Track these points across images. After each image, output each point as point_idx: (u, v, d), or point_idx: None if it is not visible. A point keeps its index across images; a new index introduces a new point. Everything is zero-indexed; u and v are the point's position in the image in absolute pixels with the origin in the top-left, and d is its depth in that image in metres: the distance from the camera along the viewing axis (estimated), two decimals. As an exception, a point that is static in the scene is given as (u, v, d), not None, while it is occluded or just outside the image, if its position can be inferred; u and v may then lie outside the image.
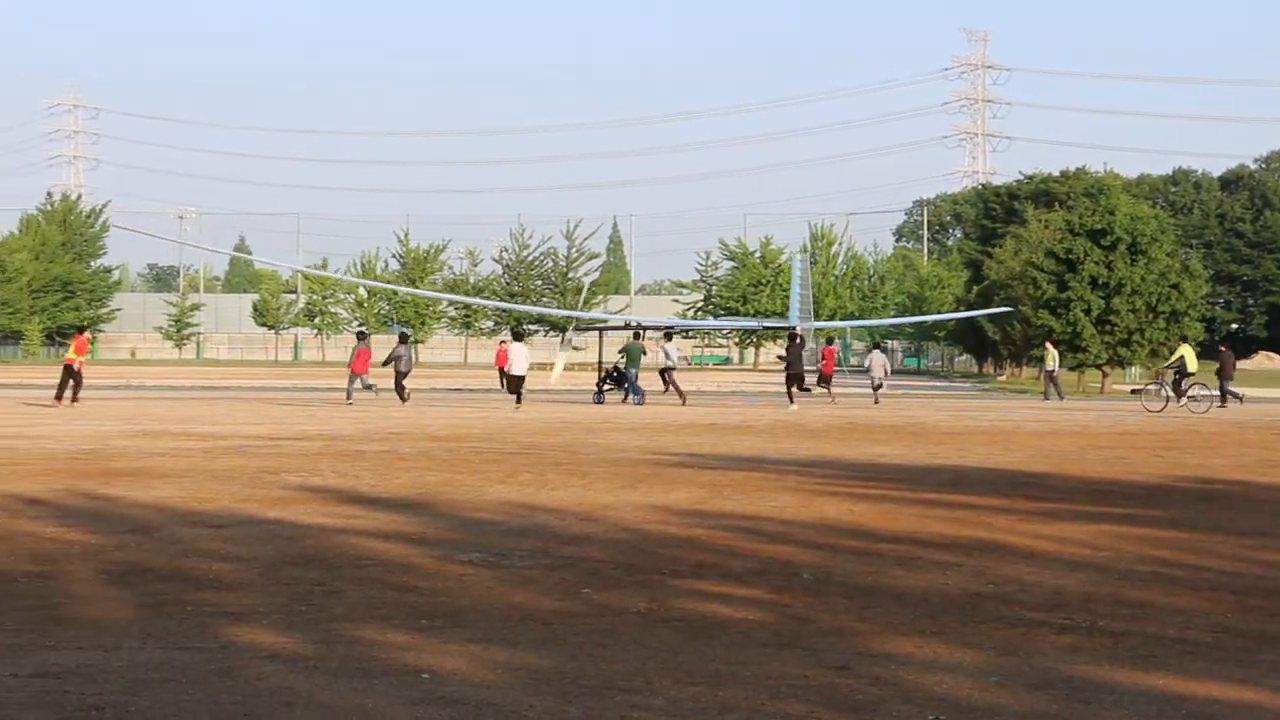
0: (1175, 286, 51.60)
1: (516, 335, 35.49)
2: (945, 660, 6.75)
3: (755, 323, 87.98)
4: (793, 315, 52.58)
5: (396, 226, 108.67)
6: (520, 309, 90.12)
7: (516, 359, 33.24)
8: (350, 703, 5.84)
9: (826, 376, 40.32)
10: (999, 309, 59.55)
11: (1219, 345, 43.33)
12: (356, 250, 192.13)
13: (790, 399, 33.77)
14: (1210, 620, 7.78)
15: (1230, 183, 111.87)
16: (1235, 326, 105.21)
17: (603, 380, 37.41)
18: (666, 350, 38.27)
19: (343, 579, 8.77)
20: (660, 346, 38.88)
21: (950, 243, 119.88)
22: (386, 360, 34.42)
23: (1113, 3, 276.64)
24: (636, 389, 35.67)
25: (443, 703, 5.86)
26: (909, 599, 8.32)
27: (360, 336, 35.24)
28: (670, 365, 37.73)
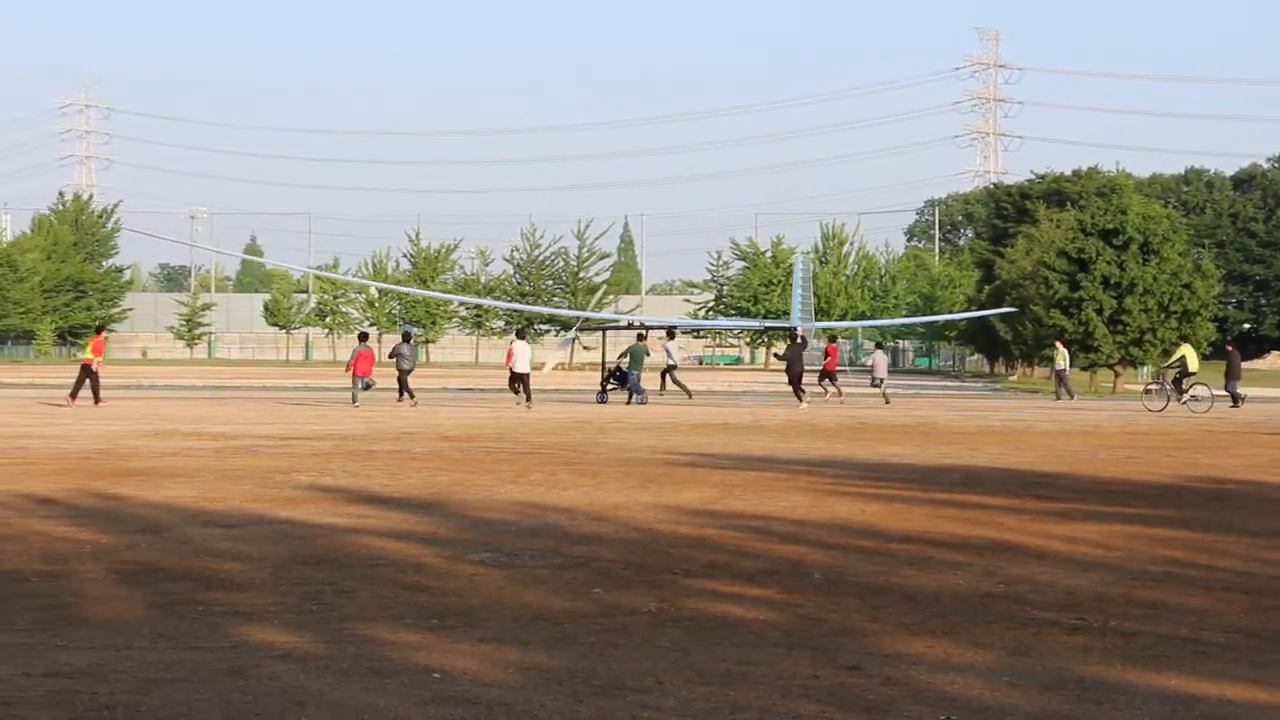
0: (1187, 286, 51.50)
1: (519, 333, 35.85)
2: (957, 660, 6.74)
3: (756, 323, 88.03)
4: (794, 315, 52.59)
5: (407, 226, 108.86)
6: (531, 309, 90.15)
7: (519, 357, 34.00)
8: (361, 702, 5.84)
9: (830, 373, 40.53)
10: (1007, 309, 59.55)
11: (1225, 345, 43.20)
12: (368, 250, 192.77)
13: (799, 398, 34.64)
14: (1223, 621, 7.76)
15: (1243, 182, 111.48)
16: (1247, 326, 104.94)
17: (606, 380, 37.73)
18: (669, 349, 38.57)
19: (354, 579, 8.77)
20: (662, 346, 39.10)
21: (962, 242, 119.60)
22: (391, 355, 34.88)
23: (1125, 2, 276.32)
24: (638, 389, 35.90)
25: (454, 702, 5.86)
26: (920, 599, 8.30)
27: (362, 338, 35.49)
28: (672, 364, 37.99)
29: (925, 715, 5.75)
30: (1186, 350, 36.47)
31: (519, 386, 33.59)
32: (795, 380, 35.25)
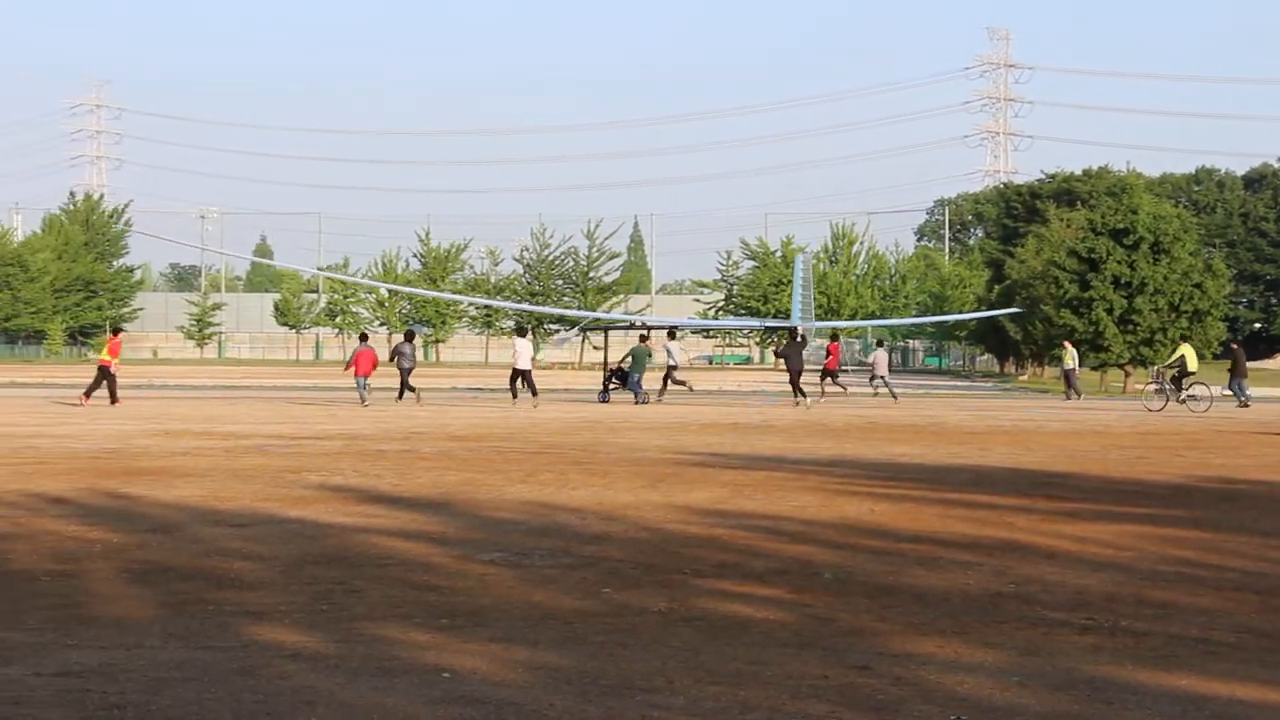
0: (1198, 286, 51.41)
1: (520, 330, 35.97)
2: (967, 660, 6.73)
3: (758, 322, 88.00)
4: (795, 314, 52.57)
5: (417, 226, 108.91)
6: (540, 310, 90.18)
7: (521, 354, 34.27)
8: (371, 702, 5.85)
9: (831, 371, 40.68)
10: (1015, 309, 59.47)
11: (1231, 344, 43.09)
12: (378, 249, 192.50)
13: (805, 395, 34.94)
14: (1234, 621, 7.75)
15: (1254, 181, 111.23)
16: (1258, 326, 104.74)
17: (608, 379, 37.85)
18: (670, 349, 38.71)
19: (364, 578, 8.78)
20: (664, 345, 39.23)
21: (971, 242, 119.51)
22: (391, 357, 34.94)
23: (1135, 1, 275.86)
24: (637, 389, 36.01)
25: (463, 702, 5.86)
26: (930, 599, 8.30)
27: (362, 338, 35.65)
28: (673, 364, 38.17)
29: (935, 715, 5.75)
30: (1186, 350, 36.49)
31: (520, 384, 33.79)
32: (795, 378, 35.75)
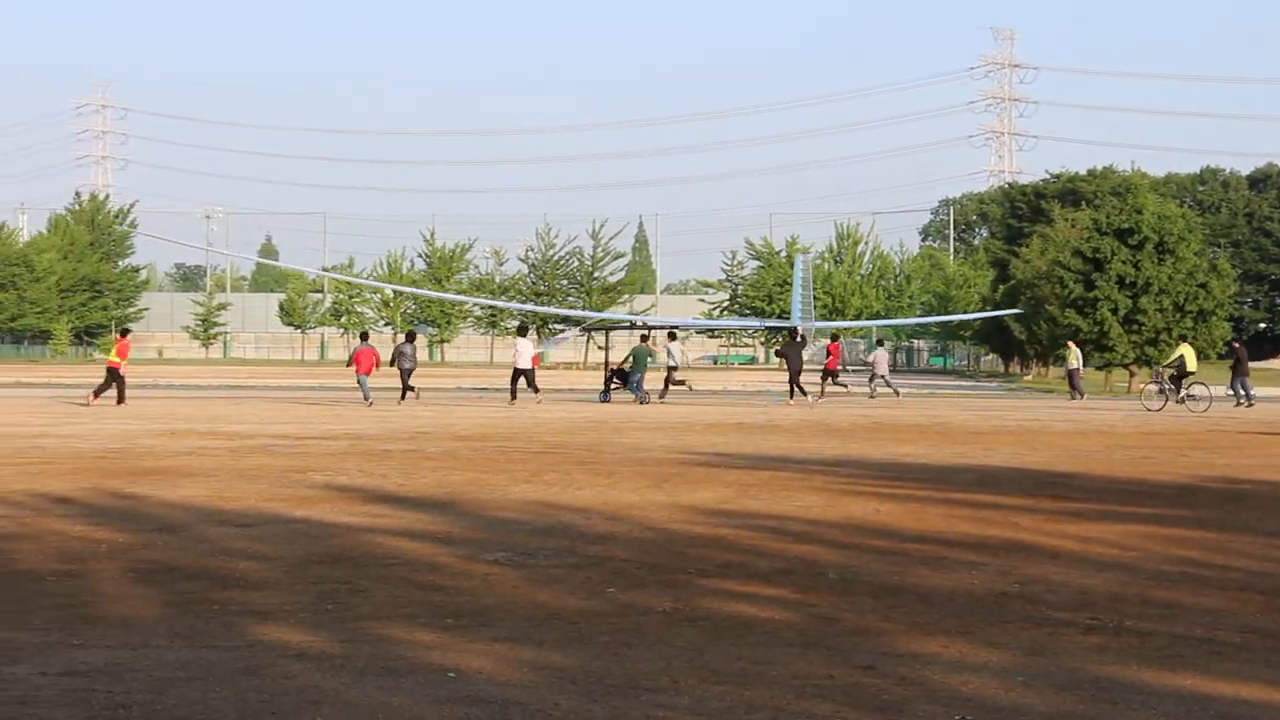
0: (1203, 286, 51.34)
1: (521, 329, 36.10)
2: (971, 660, 6.73)
3: (758, 322, 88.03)
4: (795, 314, 52.61)
5: (421, 226, 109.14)
6: (545, 310, 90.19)
7: (521, 353, 34.61)
8: (376, 701, 5.85)
9: (831, 372, 40.75)
10: (1017, 309, 59.46)
11: (1233, 343, 42.98)
12: (383, 249, 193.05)
13: (805, 394, 35.34)
14: (1238, 620, 7.74)
15: (1259, 181, 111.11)
16: (1263, 326, 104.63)
17: (609, 380, 37.91)
18: (670, 350, 38.78)
19: (369, 578, 8.79)
20: (664, 346, 39.29)
21: (976, 242, 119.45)
22: (392, 359, 35.01)
23: (1140, 1, 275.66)
24: (637, 389, 36.07)
25: (468, 701, 5.87)
26: (935, 599, 8.30)
27: (363, 337, 35.69)
28: (673, 365, 38.24)
29: (940, 715, 5.75)
30: (1185, 350, 36.49)
31: (522, 382, 34.02)
32: (794, 377, 36.02)
